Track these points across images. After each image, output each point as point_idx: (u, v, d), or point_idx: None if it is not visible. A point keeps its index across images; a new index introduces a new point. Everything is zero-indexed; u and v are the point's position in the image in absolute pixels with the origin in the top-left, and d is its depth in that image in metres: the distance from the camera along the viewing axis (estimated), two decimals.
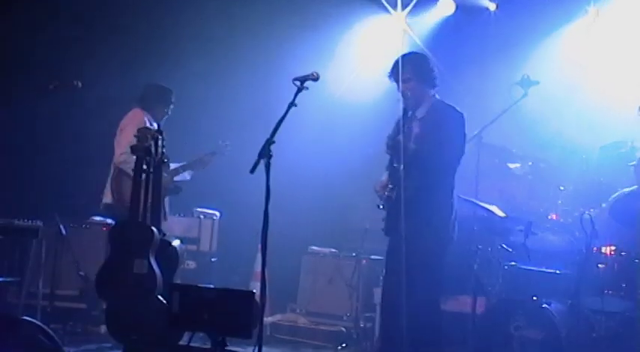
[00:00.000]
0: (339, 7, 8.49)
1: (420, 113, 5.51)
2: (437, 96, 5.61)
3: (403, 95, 5.51)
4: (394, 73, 5.51)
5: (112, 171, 6.70)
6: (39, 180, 7.74)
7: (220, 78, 7.71)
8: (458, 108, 5.53)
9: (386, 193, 5.50)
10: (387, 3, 8.72)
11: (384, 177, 5.66)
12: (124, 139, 6.50)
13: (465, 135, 5.53)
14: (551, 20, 8.28)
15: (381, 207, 5.56)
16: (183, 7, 8.43)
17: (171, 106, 6.98)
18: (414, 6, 8.66)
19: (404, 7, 8.72)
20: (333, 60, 8.22)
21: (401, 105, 5.52)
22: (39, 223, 6.63)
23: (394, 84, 5.59)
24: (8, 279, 6.79)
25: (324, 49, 8.28)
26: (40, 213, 6.77)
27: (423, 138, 5.40)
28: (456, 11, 8.65)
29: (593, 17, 8.14)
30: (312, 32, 8.31)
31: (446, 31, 8.73)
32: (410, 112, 5.54)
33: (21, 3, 8.10)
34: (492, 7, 8.52)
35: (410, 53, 5.72)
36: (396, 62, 5.54)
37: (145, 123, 6.59)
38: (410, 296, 5.32)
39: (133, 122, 6.58)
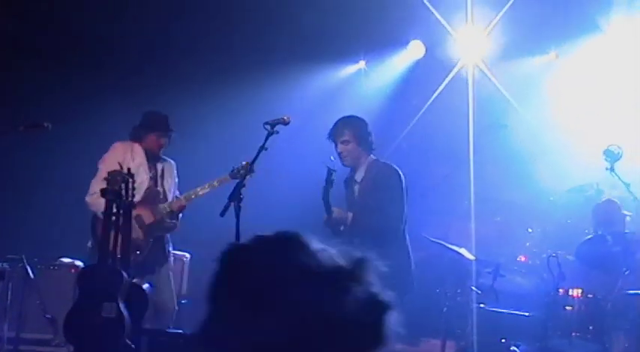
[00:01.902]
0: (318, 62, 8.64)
1: (359, 176, 5.66)
2: (372, 156, 5.72)
3: (340, 156, 5.63)
4: (333, 134, 5.65)
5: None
6: (6, 221, 7.66)
7: (194, 121, 7.74)
8: (394, 166, 5.68)
9: None
10: (356, 52, 8.86)
11: None
12: (95, 179, 6.24)
13: (401, 188, 5.59)
14: (519, 63, 8.44)
15: None
16: (154, 46, 8.48)
17: (169, 134, 6.40)
18: (383, 52, 8.78)
19: (367, 55, 8.86)
20: (307, 109, 8.26)
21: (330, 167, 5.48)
22: (5, 266, 6.54)
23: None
24: None
25: (299, 99, 8.34)
26: (7, 254, 6.69)
27: (361, 202, 5.52)
28: (426, 54, 8.78)
29: (553, 59, 8.31)
30: (291, 80, 8.41)
31: (416, 73, 8.85)
32: (351, 174, 5.68)
33: None
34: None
35: (350, 117, 5.82)
36: (336, 124, 5.68)
37: (122, 158, 6.17)
38: None
39: (106, 160, 6.27)
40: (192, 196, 6.33)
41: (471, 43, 8.37)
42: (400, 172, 5.59)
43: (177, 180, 6.65)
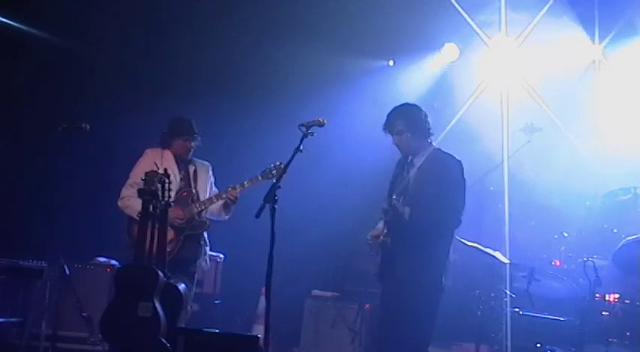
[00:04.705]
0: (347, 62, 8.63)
1: (418, 161, 5.55)
2: (434, 144, 5.62)
3: (398, 147, 5.60)
4: (386, 127, 5.59)
5: None
6: (44, 221, 7.76)
7: (229, 122, 7.80)
8: (456, 156, 5.53)
9: (381, 238, 5.51)
10: (390, 52, 8.84)
11: (380, 224, 5.64)
12: (125, 184, 6.46)
13: (464, 182, 5.46)
14: (555, 64, 8.36)
15: (375, 254, 5.59)
16: (194, 49, 8.55)
17: (196, 137, 6.54)
18: (417, 55, 8.76)
19: (402, 56, 8.83)
20: (339, 110, 8.26)
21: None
22: (43, 264, 6.65)
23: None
24: (11, 320, 6.79)
25: (332, 99, 8.33)
26: (45, 253, 6.79)
27: (419, 192, 5.40)
28: (460, 57, 8.75)
29: (598, 56, 8.21)
30: (322, 84, 8.42)
31: (450, 76, 8.82)
32: (409, 158, 5.60)
33: (30, 44, 8.23)
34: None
35: (402, 105, 5.71)
36: (389, 115, 5.61)
37: (152, 164, 6.33)
38: (400, 344, 5.27)
39: (136, 166, 6.49)
40: (224, 195, 6.44)
41: (505, 48, 8.33)
42: (462, 164, 5.48)
43: (213, 179, 6.70)
